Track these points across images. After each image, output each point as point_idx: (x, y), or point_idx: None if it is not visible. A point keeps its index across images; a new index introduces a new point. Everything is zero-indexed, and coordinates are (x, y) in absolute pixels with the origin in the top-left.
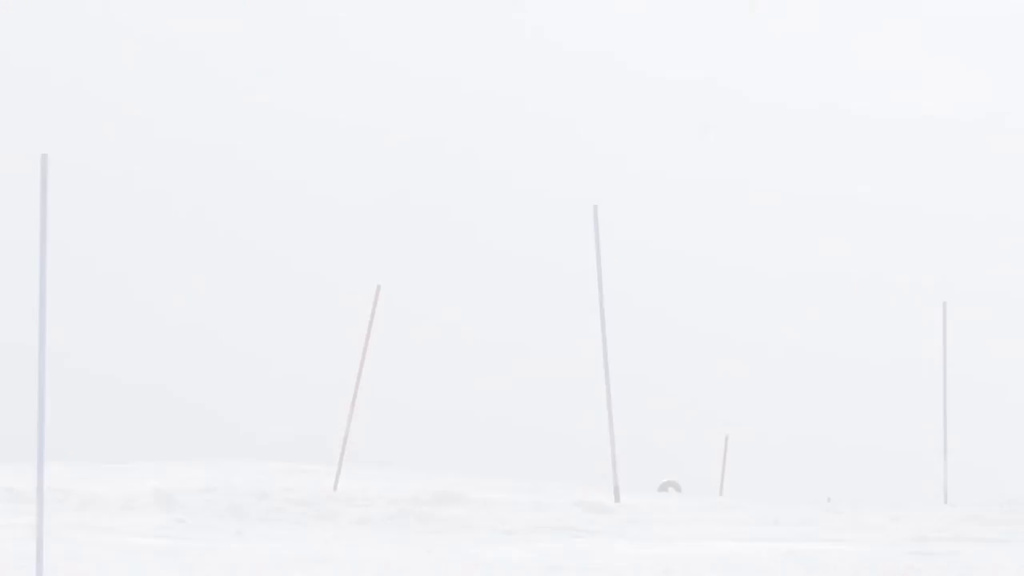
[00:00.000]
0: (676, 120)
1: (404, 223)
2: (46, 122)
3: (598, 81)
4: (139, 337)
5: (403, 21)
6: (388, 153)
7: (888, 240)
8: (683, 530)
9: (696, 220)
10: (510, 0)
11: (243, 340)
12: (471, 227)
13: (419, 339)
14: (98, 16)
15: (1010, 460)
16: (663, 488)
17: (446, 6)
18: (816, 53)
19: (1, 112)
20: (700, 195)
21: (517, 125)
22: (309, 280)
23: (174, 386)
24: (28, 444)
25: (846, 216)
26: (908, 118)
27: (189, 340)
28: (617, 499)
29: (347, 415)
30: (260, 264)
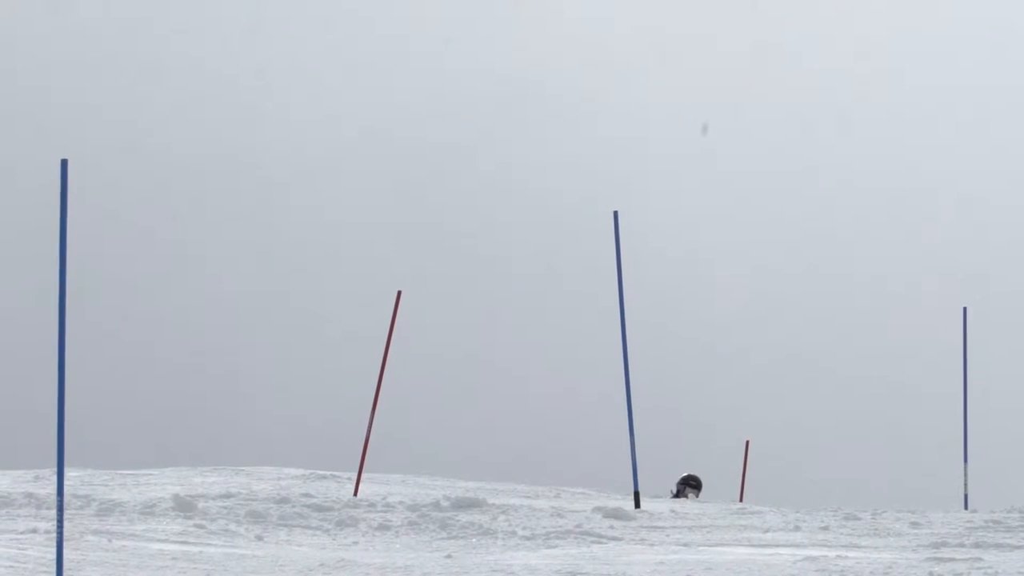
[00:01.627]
0: (685, 125)
1: (424, 229)
2: (61, 127)
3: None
4: (158, 344)
5: (417, 21)
6: (402, 156)
7: (908, 246)
8: (703, 536)
9: (713, 226)
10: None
11: (262, 347)
12: (489, 234)
13: (439, 345)
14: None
15: None
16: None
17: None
18: (839, 57)
19: (20, 119)
20: (717, 201)
21: (533, 128)
22: (329, 285)
23: (194, 393)
24: (49, 451)
25: (865, 222)
26: (926, 117)
27: (208, 347)
28: (637, 505)
29: (367, 420)
30: (278, 270)
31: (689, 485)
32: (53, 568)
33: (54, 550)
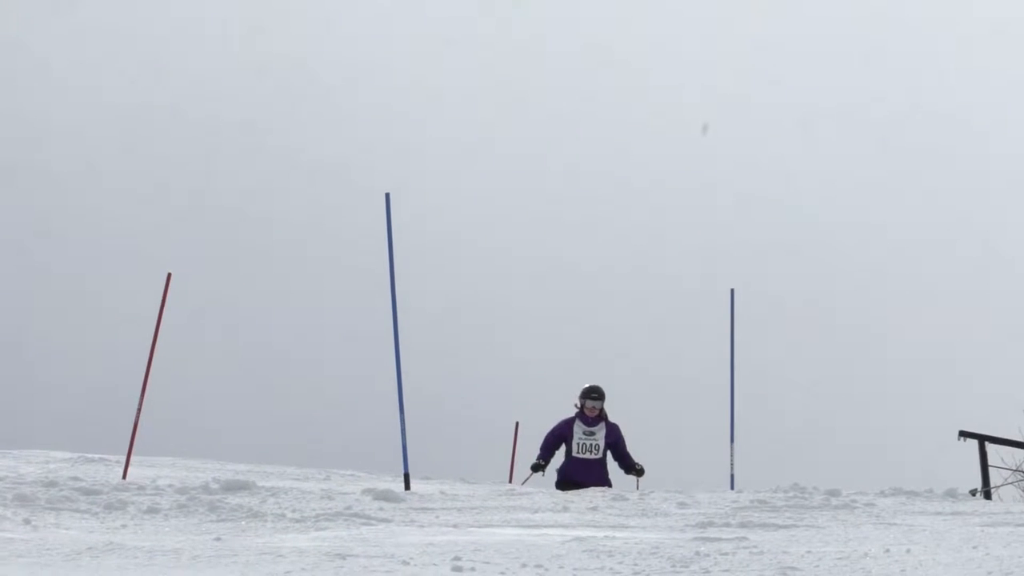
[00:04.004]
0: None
1: (201, 212)
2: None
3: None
4: None
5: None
6: (189, 135)
7: (675, 229)
8: (473, 518)
9: (493, 213)
10: None
11: (29, 328)
12: (268, 215)
13: (210, 327)
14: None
15: (795, 447)
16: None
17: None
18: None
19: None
20: (494, 187)
21: (308, 104)
22: (99, 266)
23: None
24: None
25: (628, 205)
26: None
27: None
28: (407, 487)
29: (137, 403)
30: (48, 249)
31: (591, 397)
32: None
33: None
